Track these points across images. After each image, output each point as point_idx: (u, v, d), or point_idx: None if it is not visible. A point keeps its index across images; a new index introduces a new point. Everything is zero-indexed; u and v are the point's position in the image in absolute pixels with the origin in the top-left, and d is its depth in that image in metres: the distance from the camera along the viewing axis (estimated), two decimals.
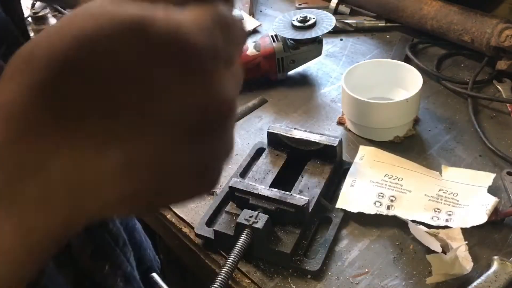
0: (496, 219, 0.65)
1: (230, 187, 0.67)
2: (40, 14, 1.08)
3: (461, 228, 0.64)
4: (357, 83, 0.81)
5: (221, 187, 0.72)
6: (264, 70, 0.92)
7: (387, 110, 0.77)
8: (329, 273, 0.62)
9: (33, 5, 1.15)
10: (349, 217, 0.68)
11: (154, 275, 0.66)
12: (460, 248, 0.61)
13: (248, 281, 0.62)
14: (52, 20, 1.11)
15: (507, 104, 0.84)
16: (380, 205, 0.68)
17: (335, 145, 0.71)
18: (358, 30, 1.06)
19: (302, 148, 0.73)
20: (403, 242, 0.65)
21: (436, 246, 0.61)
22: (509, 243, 0.63)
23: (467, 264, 0.60)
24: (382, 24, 1.06)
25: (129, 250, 0.59)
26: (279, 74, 0.93)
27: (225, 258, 0.61)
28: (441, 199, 0.68)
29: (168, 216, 0.72)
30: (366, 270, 0.62)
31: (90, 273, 0.53)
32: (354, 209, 0.68)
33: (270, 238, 0.63)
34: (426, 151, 0.77)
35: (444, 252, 0.61)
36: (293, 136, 0.73)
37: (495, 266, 0.59)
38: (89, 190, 0.22)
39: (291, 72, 0.95)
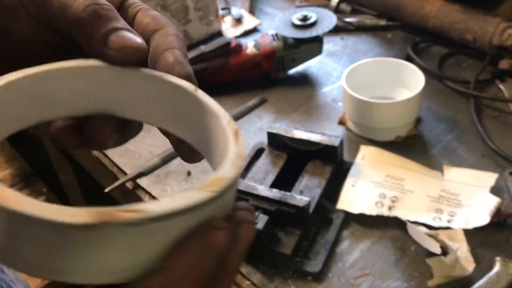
0: (498, 220, 0.64)
1: None
2: None
3: (463, 229, 0.63)
4: (358, 82, 0.81)
5: None
6: (264, 69, 0.91)
7: (388, 109, 0.76)
8: (330, 275, 0.62)
9: None
10: (350, 218, 0.68)
11: None
12: (462, 249, 0.61)
13: (248, 282, 0.62)
14: None
15: (510, 104, 0.83)
16: (382, 206, 0.67)
17: (336, 145, 0.70)
18: (359, 29, 1.05)
19: (303, 148, 0.72)
20: (405, 243, 0.64)
21: (435, 247, 0.60)
22: None
23: (469, 265, 0.59)
24: (383, 22, 1.05)
25: None
26: (279, 73, 0.92)
27: None
28: (443, 200, 0.67)
29: None
30: (367, 271, 0.62)
31: None
32: (355, 210, 0.67)
33: (270, 239, 0.62)
34: (428, 151, 0.77)
35: (444, 253, 0.60)
36: (293, 136, 0.72)
37: (497, 267, 0.58)
38: None
39: (291, 71, 0.94)
